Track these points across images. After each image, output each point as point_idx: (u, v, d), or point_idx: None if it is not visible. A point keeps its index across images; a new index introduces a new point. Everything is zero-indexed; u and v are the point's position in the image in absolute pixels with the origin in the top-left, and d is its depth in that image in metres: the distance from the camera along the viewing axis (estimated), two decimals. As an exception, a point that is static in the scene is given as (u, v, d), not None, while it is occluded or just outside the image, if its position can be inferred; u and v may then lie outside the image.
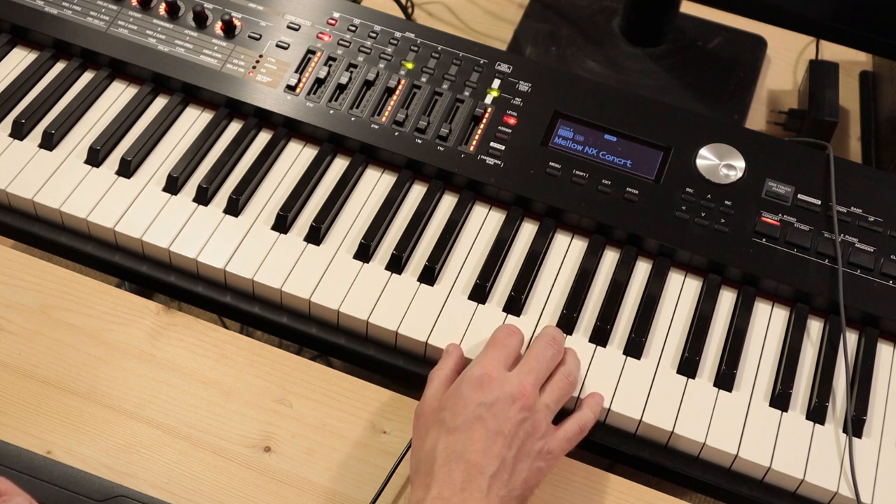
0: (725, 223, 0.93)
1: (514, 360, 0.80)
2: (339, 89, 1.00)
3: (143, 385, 0.86)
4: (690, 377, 0.87)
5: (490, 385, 0.75)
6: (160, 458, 0.82)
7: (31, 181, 0.94)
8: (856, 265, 0.91)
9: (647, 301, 0.90)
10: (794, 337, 0.89)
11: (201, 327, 0.90)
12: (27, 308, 0.90)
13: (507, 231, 0.94)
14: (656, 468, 0.85)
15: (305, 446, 0.83)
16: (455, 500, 0.69)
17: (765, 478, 0.83)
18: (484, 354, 0.79)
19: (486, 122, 0.98)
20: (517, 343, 0.82)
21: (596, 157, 0.97)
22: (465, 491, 0.69)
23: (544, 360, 0.80)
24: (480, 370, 0.76)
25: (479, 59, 1.03)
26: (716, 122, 1.01)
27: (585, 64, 1.17)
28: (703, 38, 1.21)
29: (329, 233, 0.94)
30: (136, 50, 1.02)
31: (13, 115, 0.99)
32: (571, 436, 0.79)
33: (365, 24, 1.05)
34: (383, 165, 0.99)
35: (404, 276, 0.91)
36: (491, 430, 0.72)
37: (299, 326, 0.90)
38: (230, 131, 1.00)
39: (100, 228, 0.92)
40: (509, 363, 0.79)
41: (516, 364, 0.80)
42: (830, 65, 1.18)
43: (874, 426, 0.85)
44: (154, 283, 0.93)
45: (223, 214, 0.94)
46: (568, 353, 0.84)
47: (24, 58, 1.05)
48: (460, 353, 0.84)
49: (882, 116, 1.18)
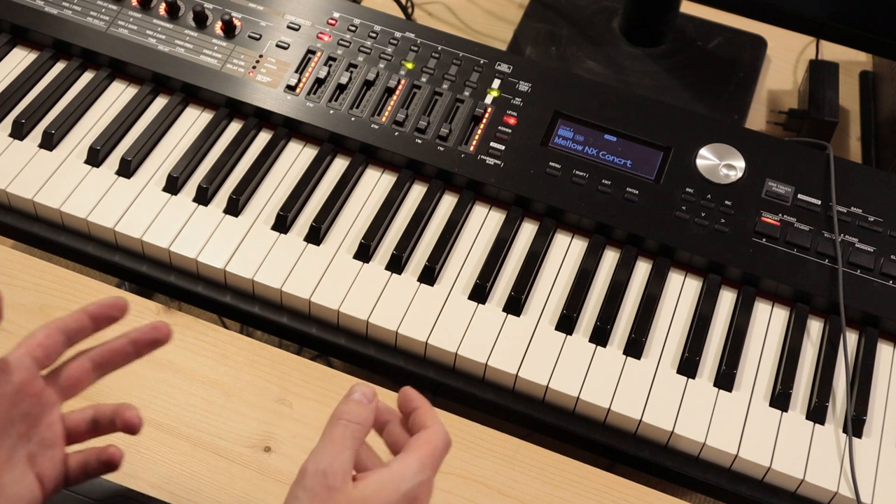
0: (725, 223, 0.93)
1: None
2: (339, 89, 1.00)
3: (143, 385, 0.85)
4: (690, 377, 0.87)
5: None
6: (160, 458, 0.81)
7: (31, 181, 0.94)
8: (856, 265, 0.91)
9: (647, 301, 0.90)
10: (794, 337, 0.89)
11: (201, 327, 0.90)
12: (27, 308, 0.89)
13: (507, 231, 0.94)
14: (656, 468, 0.85)
15: (305, 446, 0.83)
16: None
17: (765, 478, 0.83)
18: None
19: (486, 122, 0.98)
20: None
21: (596, 157, 0.97)
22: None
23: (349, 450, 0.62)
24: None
25: (479, 59, 1.03)
26: (716, 122, 1.01)
27: (585, 64, 1.17)
28: (703, 38, 1.21)
29: (329, 233, 0.94)
30: (136, 50, 1.02)
31: (13, 115, 0.99)
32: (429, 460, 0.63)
33: (365, 24, 1.05)
34: (383, 165, 0.99)
35: (404, 276, 0.91)
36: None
37: (299, 326, 0.90)
38: (230, 131, 1.00)
39: (100, 228, 0.92)
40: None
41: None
42: (830, 65, 1.18)
43: (874, 426, 0.85)
44: (154, 283, 0.93)
45: (223, 214, 0.94)
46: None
47: (24, 58, 1.05)
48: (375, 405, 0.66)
49: (882, 116, 1.18)
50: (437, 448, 0.63)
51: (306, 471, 0.60)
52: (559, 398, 0.85)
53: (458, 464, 0.83)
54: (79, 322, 0.66)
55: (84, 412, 0.67)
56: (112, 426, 0.67)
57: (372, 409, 0.64)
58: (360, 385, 0.64)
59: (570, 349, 0.87)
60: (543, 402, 0.86)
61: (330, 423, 0.62)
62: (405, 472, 0.61)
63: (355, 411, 0.63)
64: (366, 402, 0.64)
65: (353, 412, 0.63)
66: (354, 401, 0.63)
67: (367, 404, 0.64)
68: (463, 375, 0.88)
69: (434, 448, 0.63)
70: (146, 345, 0.68)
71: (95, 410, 0.67)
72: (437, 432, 0.63)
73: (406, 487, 0.60)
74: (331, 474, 0.59)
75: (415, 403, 0.66)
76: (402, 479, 0.60)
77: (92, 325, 0.67)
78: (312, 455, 0.60)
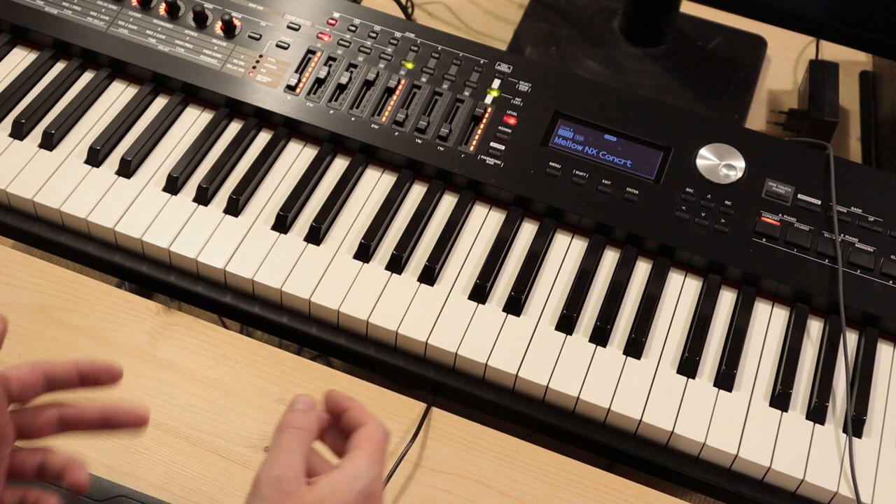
0: (725, 223, 0.93)
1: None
2: (339, 89, 1.00)
3: (143, 385, 0.86)
4: (690, 377, 0.87)
5: None
6: (160, 458, 0.82)
7: (31, 181, 0.94)
8: (856, 265, 0.91)
9: (647, 301, 0.90)
10: (794, 337, 0.89)
11: (201, 327, 0.90)
12: (27, 308, 0.90)
13: (507, 231, 0.94)
14: (656, 468, 0.85)
15: (305, 446, 0.83)
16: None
17: (765, 478, 0.83)
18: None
19: (486, 122, 0.98)
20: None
21: (596, 157, 0.97)
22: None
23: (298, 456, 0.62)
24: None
25: (479, 59, 1.03)
26: (716, 122, 1.01)
27: (585, 64, 1.17)
28: (703, 38, 1.21)
29: (329, 233, 0.94)
30: (136, 50, 1.02)
31: (13, 115, 0.99)
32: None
33: (365, 24, 1.05)
34: (383, 165, 0.99)
35: (404, 276, 0.91)
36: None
37: (299, 326, 0.90)
38: (230, 131, 1.00)
39: (100, 228, 0.92)
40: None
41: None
42: (830, 65, 1.18)
43: (874, 426, 0.85)
44: (154, 283, 0.93)
45: (223, 214, 0.94)
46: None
47: (24, 58, 1.05)
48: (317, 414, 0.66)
49: (882, 116, 1.17)
50: (380, 442, 0.64)
51: (260, 480, 0.60)
52: (559, 398, 0.85)
53: (458, 464, 0.83)
54: (67, 373, 0.66)
55: (34, 454, 0.65)
56: (57, 478, 0.65)
57: (315, 415, 0.65)
58: (301, 396, 0.66)
59: (570, 349, 0.87)
60: (543, 402, 0.86)
61: (277, 433, 0.63)
62: (357, 471, 0.62)
63: (300, 419, 0.64)
64: (308, 410, 0.65)
65: (298, 420, 0.64)
66: (298, 410, 0.65)
67: (309, 412, 0.65)
68: (463, 375, 0.88)
69: (378, 442, 0.64)
70: (118, 425, 0.67)
71: (45, 457, 0.65)
72: (377, 427, 0.65)
73: (361, 485, 0.61)
74: (285, 480, 0.60)
75: (344, 404, 0.66)
76: (356, 478, 0.61)
77: (78, 381, 0.66)
78: (265, 465, 0.61)
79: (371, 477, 0.62)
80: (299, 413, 0.65)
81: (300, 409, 0.65)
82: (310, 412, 0.65)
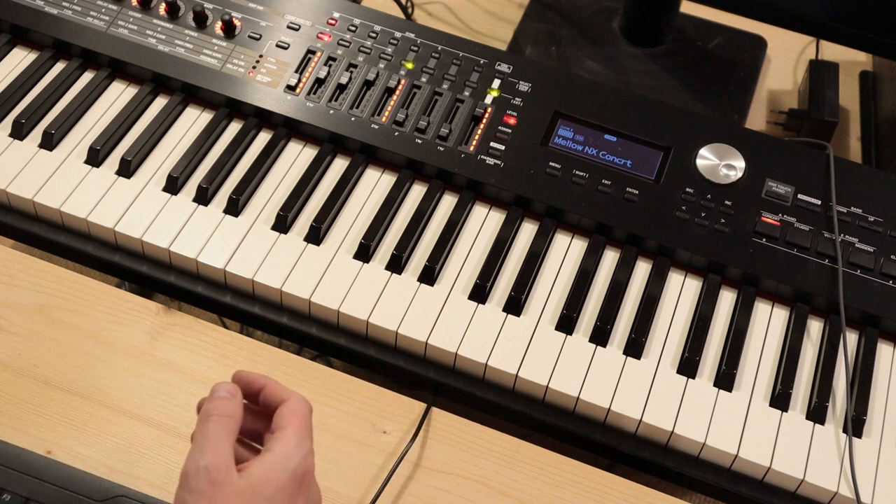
0: (725, 223, 0.93)
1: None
2: (339, 89, 1.00)
3: (143, 385, 0.86)
4: (690, 377, 0.87)
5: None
6: (160, 458, 0.82)
7: (31, 181, 0.94)
8: (856, 265, 0.91)
9: (647, 301, 0.90)
10: (794, 337, 0.89)
11: (201, 327, 0.90)
12: (27, 308, 0.90)
13: (507, 231, 0.94)
14: (656, 468, 0.85)
15: (305, 446, 0.83)
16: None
17: (765, 478, 0.83)
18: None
19: (486, 122, 0.98)
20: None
21: (596, 157, 0.97)
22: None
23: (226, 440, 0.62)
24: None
25: (479, 59, 1.03)
26: (716, 122, 1.01)
27: (585, 64, 1.17)
28: (703, 38, 1.21)
29: (329, 233, 0.94)
30: (136, 50, 1.02)
31: (13, 115, 0.99)
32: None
33: (365, 24, 1.05)
34: (383, 165, 0.99)
35: (404, 276, 0.91)
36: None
37: (299, 326, 0.90)
38: (230, 131, 1.00)
39: (100, 228, 0.92)
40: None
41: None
42: (830, 65, 1.18)
43: (874, 426, 0.85)
44: (154, 283, 0.93)
45: (223, 214, 0.94)
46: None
47: (24, 58, 1.05)
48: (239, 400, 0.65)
49: (882, 116, 1.18)
50: (305, 416, 0.62)
51: (187, 473, 0.58)
52: (559, 398, 0.85)
53: (458, 464, 0.83)
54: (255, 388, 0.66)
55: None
56: None
57: (238, 402, 0.63)
58: (221, 383, 0.64)
59: (570, 349, 0.87)
60: (543, 402, 0.86)
61: (200, 422, 0.61)
62: (287, 450, 0.60)
63: (223, 406, 0.62)
64: (231, 397, 0.63)
65: (221, 407, 0.62)
66: (220, 397, 0.63)
67: (232, 398, 0.63)
68: (463, 375, 0.88)
69: (303, 416, 0.62)
70: None
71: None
72: (298, 401, 0.63)
73: (293, 465, 0.60)
74: (213, 469, 0.58)
75: (258, 382, 0.65)
76: (287, 458, 0.60)
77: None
78: (189, 457, 0.59)
79: (302, 455, 0.60)
80: (222, 400, 0.63)
81: (222, 395, 0.63)
82: (233, 399, 0.63)
